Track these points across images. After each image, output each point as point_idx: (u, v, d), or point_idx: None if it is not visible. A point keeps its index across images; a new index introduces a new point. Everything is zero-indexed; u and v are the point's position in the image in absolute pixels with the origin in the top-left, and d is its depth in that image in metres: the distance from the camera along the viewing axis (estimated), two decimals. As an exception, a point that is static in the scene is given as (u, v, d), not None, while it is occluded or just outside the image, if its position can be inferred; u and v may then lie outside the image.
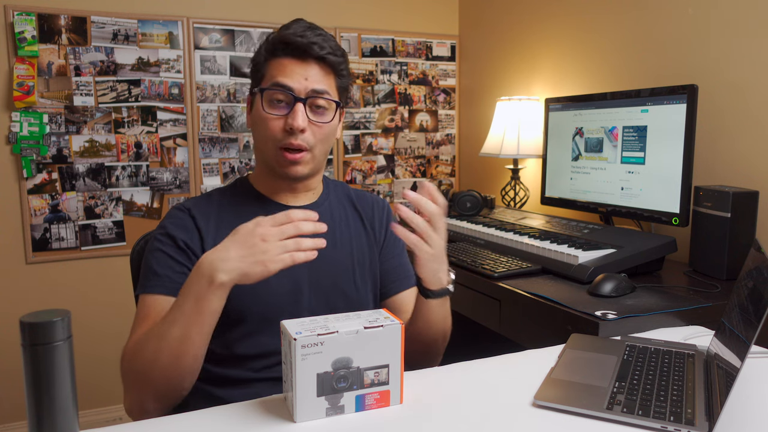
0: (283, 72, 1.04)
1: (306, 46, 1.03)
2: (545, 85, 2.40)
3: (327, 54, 1.05)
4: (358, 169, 2.84)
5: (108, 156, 2.39)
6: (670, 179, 1.60)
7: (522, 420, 0.81)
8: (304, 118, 1.02)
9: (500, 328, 1.49)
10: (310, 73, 1.04)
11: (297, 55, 1.04)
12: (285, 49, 1.04)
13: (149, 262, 1.04)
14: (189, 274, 1.01)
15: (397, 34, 2.86)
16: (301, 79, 1.03)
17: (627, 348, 1.04)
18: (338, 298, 1.10)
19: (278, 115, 1.03)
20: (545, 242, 1.64)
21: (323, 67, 1.06)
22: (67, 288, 2.39)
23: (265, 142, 1.06)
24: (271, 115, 1.04)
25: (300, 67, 1.04)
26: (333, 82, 1.08)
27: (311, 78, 1.04)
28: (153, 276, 1.02)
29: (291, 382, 0.80)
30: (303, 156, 1.05)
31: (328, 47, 1.05)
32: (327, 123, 1.06)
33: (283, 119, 1.03)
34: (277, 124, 1.03)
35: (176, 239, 1.04)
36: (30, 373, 0.58)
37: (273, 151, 1.05)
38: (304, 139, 1.03)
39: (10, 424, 2.34)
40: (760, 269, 0.85)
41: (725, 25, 1.67)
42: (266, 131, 1.04)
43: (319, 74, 1.05)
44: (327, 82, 1.06)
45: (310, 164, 1.07)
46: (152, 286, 1.01)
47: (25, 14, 2.22)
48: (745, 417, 0.82)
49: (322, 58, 1.05)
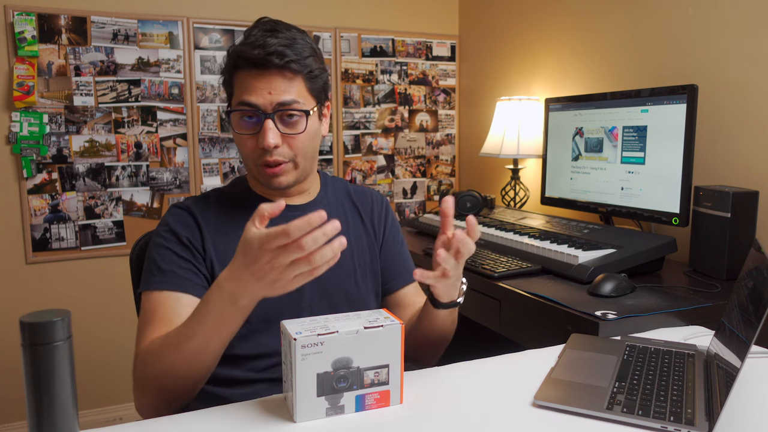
0: (246, 89, 0.99)
1: (263, 59, 0.97)
2: (545, 85, 2.40)
3: (287, 62, 0.98)
4: (358, 169, 2.84)
5: (108, 156, 2.39)
6: (670, 179, 1.60)
7: (522, 420, 0.81)
8: (275, 134, 0.99)
9: (500, 328, 1.49)
10: (274, 85, 0.99)
11: (257, 67, 0.99)
12: (245, 63, 0.99)
13: (153, 258, 1.04)
14: (193, 270, 1.01)
15: (397, 34, 2.86)
16: (264, 94, 0.98)
17: (627, 348, 1.04)
18: (340, 297, 1.10)
19: (250, 134, 1.02)
20: (545, 242, 1.64)
21: (287, 76, 1.00)
22: (67, 288, 2.39)
23: (245, 159, 1.06)
24: (244, 135, 1.02)
25: (262, 81, 0.99)
26: (302, 87, 1.02)
27: (276, 90, 0.99)
28: (158, 272, 1.01)
29: (291, 382, 0.80)
30: (283, 168, 1.03)
31: (290, 54, 0.99)
32: (301, 133, 1.02)
33: (255, 138, 1.01)
34: (250, 142, 1.02)
35: (179, 235, 1.04)
36: (30, 373, 0.58)
37: (254, 168, 1.05)
38: (280, 153, 1.02)
39: (10, 424, 2.34)
40: (760, 269, 0.85)
41: (725, 25, 1.67)
42: (244, 150, 1.04)
43: (283, 84, 0.99)
44: (295, 90, 1.00)
45: (293, 172, 1.06)
46: (158, 283, 1.00)
47: (25, 14, 2.22)
48: (745, 417, 0.82)
49: (284, 66, 0.99)
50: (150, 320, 0.98)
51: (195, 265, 1.03)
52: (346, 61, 2.76)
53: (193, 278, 1.02)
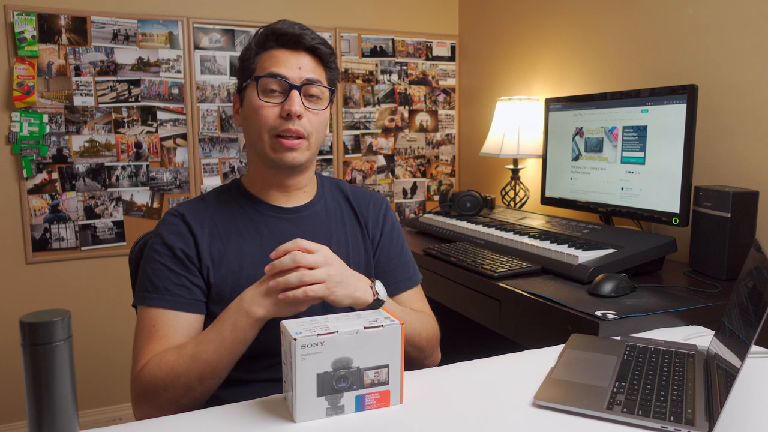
0: (276, 63, 1.05)
1: (298, 36, 1.06)
2: (545, 85, 2.40)
3: (318, 44, 1.07)
4: (358, 169, 2.84)
5: (108, 156, 2.40)
6: (670, 179, 1.60)
7: (522, 420, 0.81)
8: (300, 104, 1.04)
9: (500, 328, 1.49)
10: (303, 63, 1.06)
11: (289, 45, 1.06)
12: (277, 40, 1.07)
13: (147, 271, 1.04)
14: (188, 285, 1.02)
15: (397, 34, 2.86)
16: (295, 68, 1.05)
17: (627, 348, 1.04)
18: None
19: (274, 103, 1.04)
20: (545, 242, 1.64)
21: (314, 58, 1.08)
22: (67, 288, 2.39)
23: (259, 132, 1.06)
24: (267, 103, 1.04)
25: (293, 57, 1.06)
26: (323, 73, 1.10)
27: (304, 67, 1.06)
28: (152, 288, 1.02)
29: (291, 382, 0.80)
30: (300, 143, 1.05)
31: (318, 38, 1.08)
32: (322, 110, 1.08)
33: (279, 107, 1.04)
34: (272, 111, 1.04)
35: (174, 249, 1.04)
36: (30, 373, 0.58)
37: (268, 140, 1.05)
38: (301, 125, 1.04)
39: (10, 424, 2.34)
40: (760, 269, 0.85)
41: (725, 25, 1.67)
42: (261, 119, 1.05)
43: (311, 64, 1.07)
44: (319, 72, 1.08)
45: (306, 153, 1.07)
46: (152, 299, 1.01)
47: (25, 14, 2.22)
48: (745, 417, 0.82)
49: (314, 48, 1.07)
50: (149, 337, 0.99)
51: (189, 279, 1.03)
52: (346, 61, 2.76)
53: (186, 295, 1.02)
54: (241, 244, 1.07)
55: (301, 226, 1.11)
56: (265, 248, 1.07)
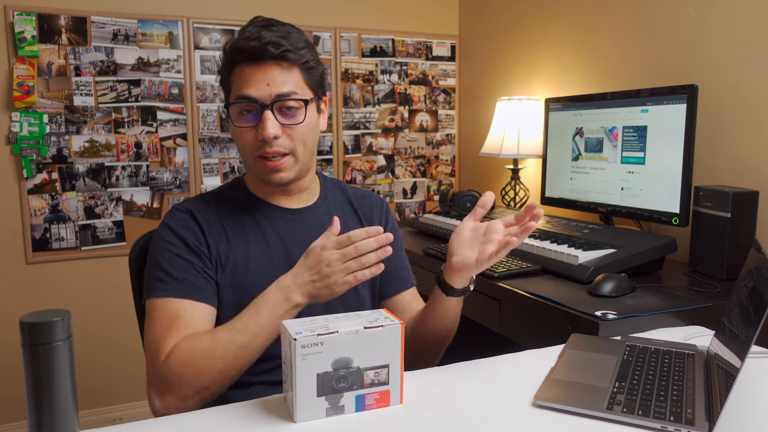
0: (245, 82, 1.00)
1: (260, 49, 0.99)
2: (545, 85, 2.40)
3: (284, 52, 1.00)
4: (358, 169, 2.84)
5: (108, 156, 2.39)
6: (670, 179, 1.60)
7: (522, 420, 0.81)
8: (275, 125, 1.00)
9: (500, 328, 1.49)
10: (271, 77, 1.00)
11: (254, 59, 1.00)
12: (241, 55, 1.00)
13: (160, 264, 1.02)
14: (205, 277, 1.02)
15: (397, 34, 2.86)
16: (262, 86, 0.99)
17: (627, 348, 1.04)
18: (336, 301, 1.09)
19: (249, 127, 1.02)
20: (545, 242, 1.63)
21: (284, 66, 1.01)
22: (67, 288, 2.39)
23: (244, 153, 1.06)
24: (243, 128, 1.02)
25: (260, 73, 1.00)
26: (299, 78, 1.03)
27: (273, 82, 1.00)
28: (171, 280, 1.00)
29: (291, 382, 0.80)
30: (284, 162, 1.03)
31: (286, 44, 1.00)
32: (300, 123, 1.03)
33: (254, 130, 1.02)
34: (250, 135, 1.02)
35: (187, 241, 1.03)
36: (30, 373, 0.58)
37: (253, 162, 1.05)
38: (280, 144, 1.02)
39: (10, 424, 2.34)
40: (760, 269, 0.85)
41: (725, 25, 1.67)
42: (243, 143, 1.04)
43: (282, 75, 1.00)
44: (292, 82, 1.02)
45: (294, 167, 1.06)
46: (172, 290, 0.99)
47: (25, 14, 2.22)
48: (745, 417, 0.82)
49: (281, 56, 1.00)
50: (172, 324, 0.97)
51: (206, 271, 1.03)
52: (346, 61, 2.76)
53: (207, 287, 1.02)
54: (246, 245, 1.07)
55: (306, 227, 1.11)
56: (270, 249, 1.07)
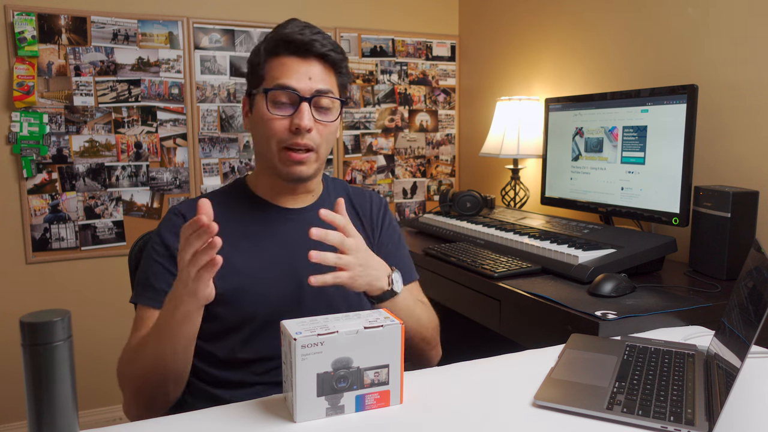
0: (286, 72, 1.02)
1: (308, 43, 1.02)
2: (545, 85, 2.40)
3: (329, 51, 1.04)
4: (358, 169, 2.84)
5: (108, 156, 2.39)
6: (670, 179, 1.60)
7: (522, 420, 0.81)
8: (310, 118, 1.02)
9: (500, 328, 1.49)
10: (313, 72, 1.03)
11: (299, 53, 1.03)
12: (287, 47, 1.03)
13: (145, 270, 1.04)
14: None
15: (397, 34, 2.86)
16: (305, 79, 1.02)
17: (627, 348, 1.04)
18: (339, 301, 1.09)
19: (283, 116, 1.02)
20: (545, 242, 1.63)
21: (325, 65, 1.05)
22: (67, 288, 2.39)
23: (268, 143, 1.04)
24: (276, 116, 1.02)
25: (303, 66, 1.03)
26: (334, 80, 1.07)
27: (314, 77, 1.03)
28: (150, 288, 1.02)
29: (291, 382, 0.80)
30: (309, 156, 1.04)
31: (329, 44, 1.04)
32: (332, 122, 1.06)
33: (288, 119, 1.02)
34: (281, 124, 1.02)
35: (171, 248, 1.03)
36: (30, 373, 0.58)
37: (277, 152, 1.04)
38: (311, 138, 1.03)
39: (10, 424, 2.34)
40: (760, 269, 0.85)
41: (725, 25, 1.67)
42: (270, 132, 1.03)
43: (322, 72, 1.04)
44: (329, 81, 1.05)
45: (315, 164, 1.06)
46: (149, 299, 1.02)
47: (25, 14, 2.22)
48: (745, 417, 0.82)
49: (324, 55, 1.04)
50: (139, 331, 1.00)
51: None
52: (346, 61, 2.76)
53: None
54: (248, 246, 1.07)
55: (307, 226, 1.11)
56: (271, 250, 1.07)
